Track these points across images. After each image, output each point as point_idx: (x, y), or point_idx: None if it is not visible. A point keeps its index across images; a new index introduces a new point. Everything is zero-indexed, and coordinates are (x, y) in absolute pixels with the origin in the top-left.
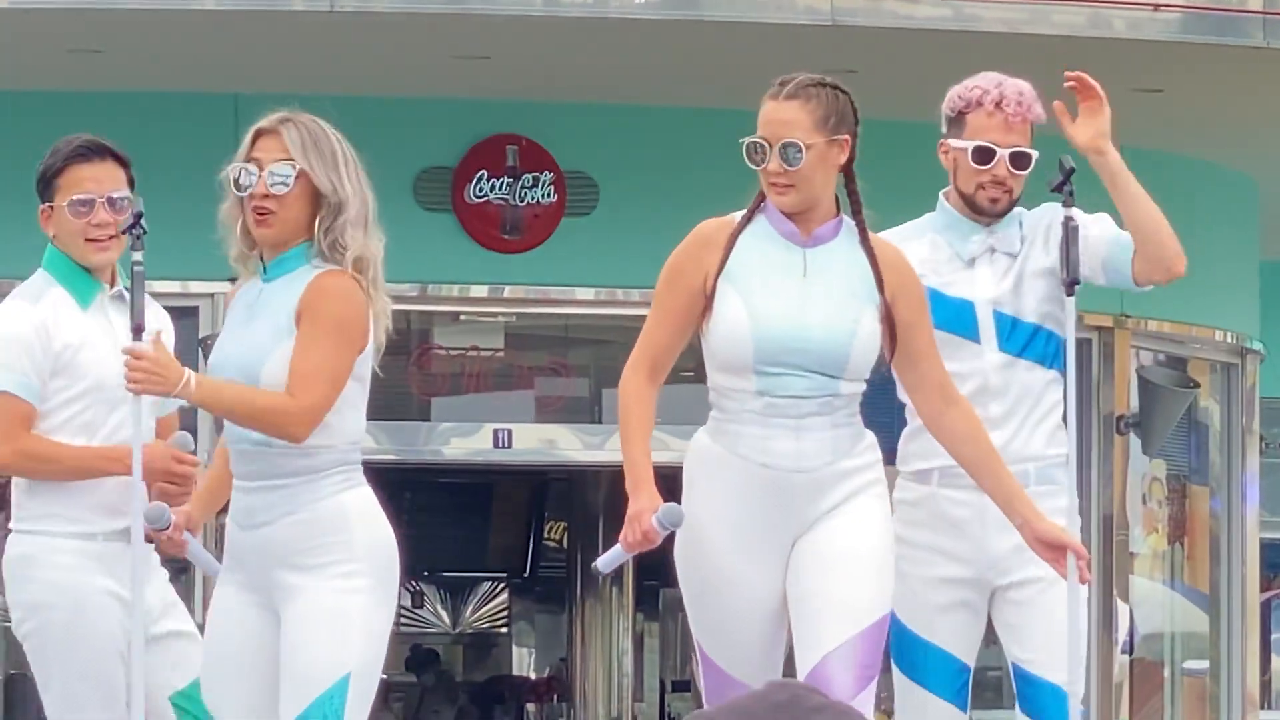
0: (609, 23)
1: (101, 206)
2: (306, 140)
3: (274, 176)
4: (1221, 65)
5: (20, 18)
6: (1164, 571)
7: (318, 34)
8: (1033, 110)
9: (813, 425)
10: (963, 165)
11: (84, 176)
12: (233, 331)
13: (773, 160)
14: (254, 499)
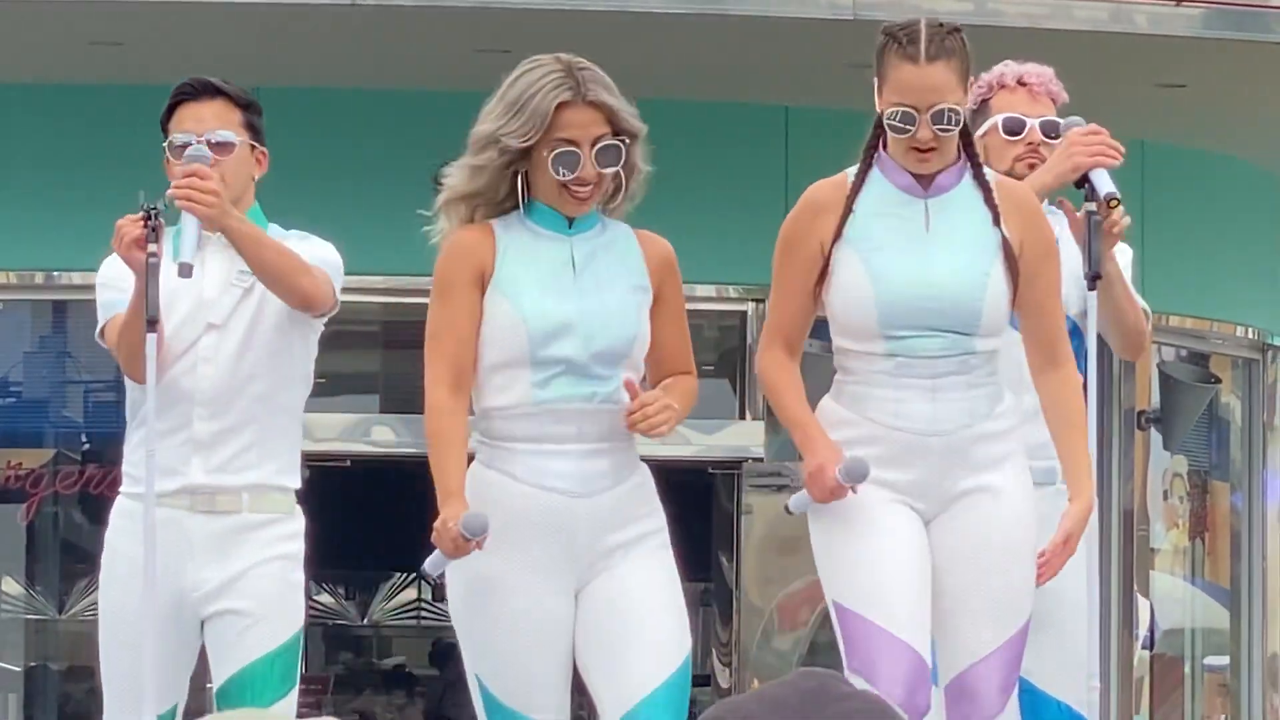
0: (631, 17)
1: (201, 145)
2: (626, 105)
3: (607, 152)
4: (1244, 61)
5: (42, 10)
6: (1185, 567)
7: (339, 27)
8: (1054, 85)
9: (948, 385)
10: (994, 144)
11: (185, 116)
12: (560, 284)
13: (923, 129)
14: (592, 463)
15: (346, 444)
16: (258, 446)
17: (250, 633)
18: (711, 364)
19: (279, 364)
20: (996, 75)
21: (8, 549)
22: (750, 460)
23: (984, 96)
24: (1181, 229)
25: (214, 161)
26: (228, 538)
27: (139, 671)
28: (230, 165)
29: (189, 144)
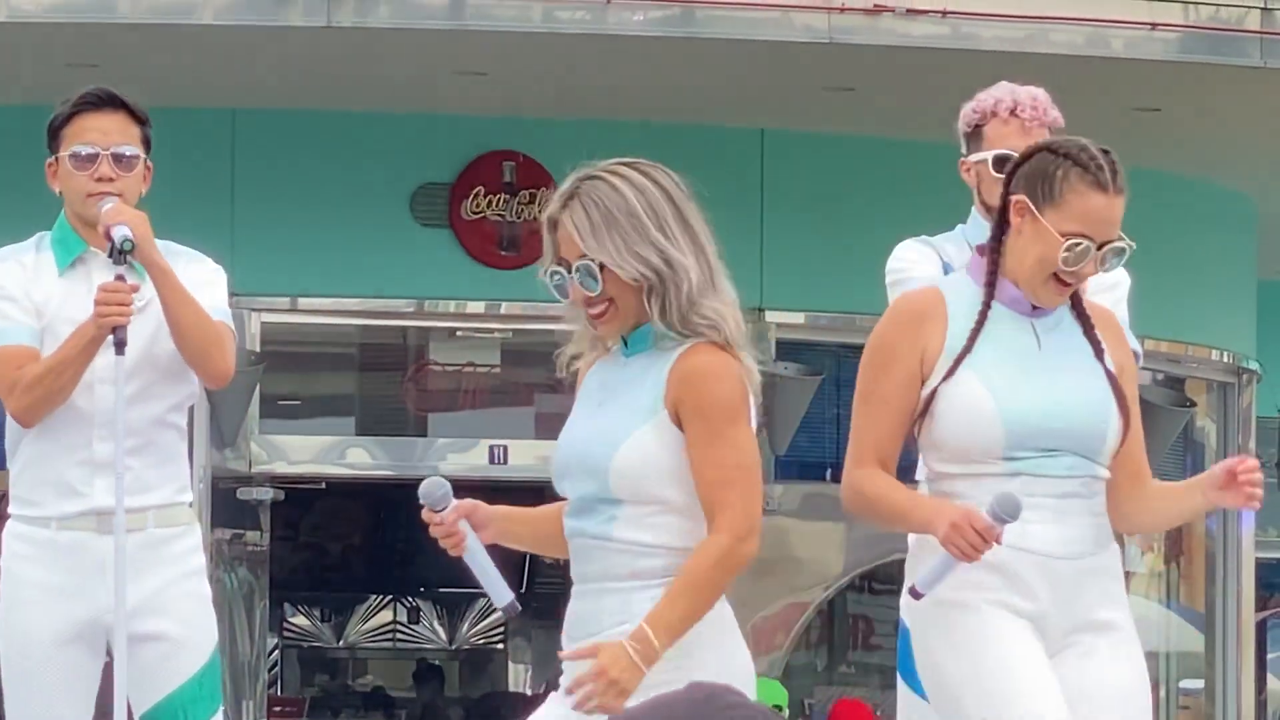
0: (607, 40)
1: (105, 160)
2: (596, 220)
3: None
4: (1219, 85)
5: (19, 31)
6: (1160, 591)
7: (315, 49)
8: (1049, 114)
9: (1073, 509)
10: (985, 177)
11: (89, 127)
12: (582, 413)
13: (1091, 264)
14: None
15: (322, 466)
16: (157, 466)
17: (176, 655)
18: None
19: (175, 385)
20: (991, 102)
21: None
22: None
23: (977, 123)
24: (1157, 252)
25: (115, 176)
26: (137, 556)
27: (50, 698)
28: (130, 181)
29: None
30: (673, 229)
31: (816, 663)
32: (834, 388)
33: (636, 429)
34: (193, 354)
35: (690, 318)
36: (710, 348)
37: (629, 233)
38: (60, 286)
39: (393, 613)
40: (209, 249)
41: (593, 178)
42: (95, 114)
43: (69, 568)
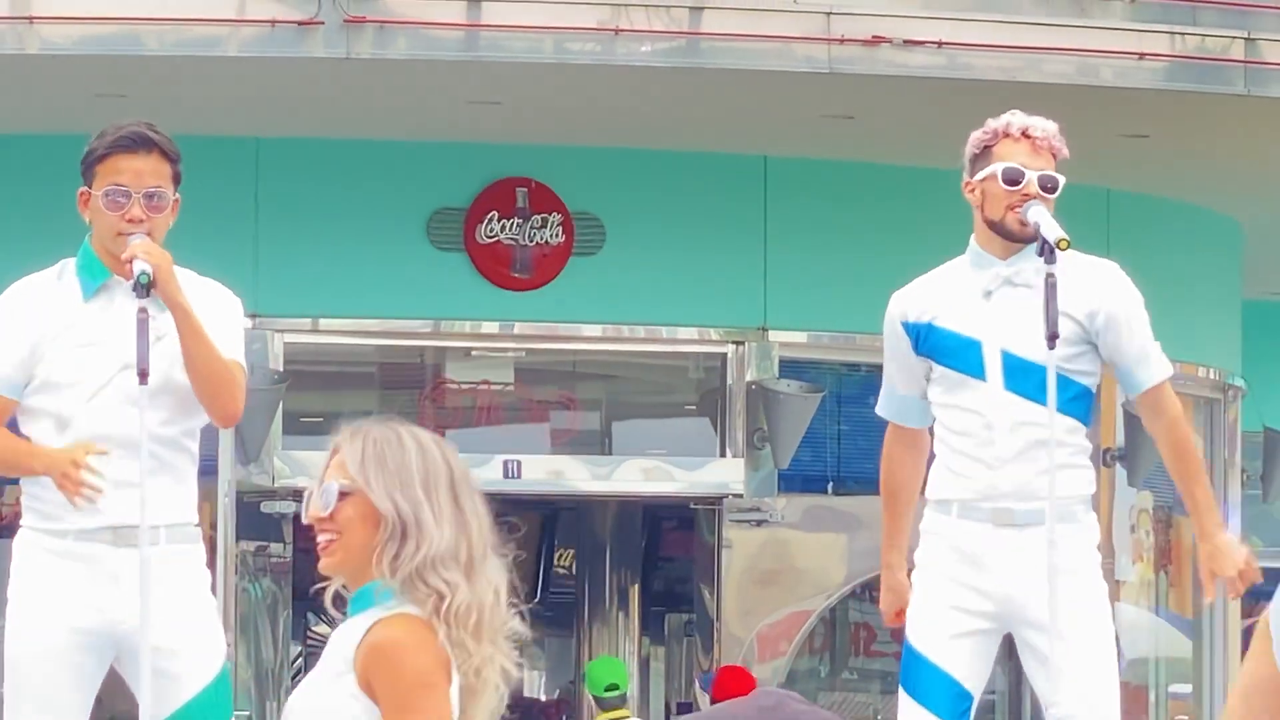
0: (615, 70)
1: (137, 202)
2: (368, 454)
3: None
4: (1205, 112)
5: (50, 63)
6: (1150, 598)
7: (335, 80)
8: (1056, 140)
9: None
10: (991, 192)
11: (123, 167)
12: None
13: None
14: None
15: None
16: (171, 487)
17: (189, 668)
18: (694, 404)
19: (189, 411)
20: (1003, 124)
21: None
22: (730, 496)
23: (987, 143)
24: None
25: (145, 217)
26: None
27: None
28: (161, 221)
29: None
30: (439, 496)
31: (820, 669)
32: (835, 404)
33: (321, 693)
34: (203, 395)
35: (415, 582)
36: (408, 620)
37: (393, 475)
38: (83, 313)
39: None
40: (233, 272)
41: (384, 425)
42: (129, 155)
43: (84, 578)
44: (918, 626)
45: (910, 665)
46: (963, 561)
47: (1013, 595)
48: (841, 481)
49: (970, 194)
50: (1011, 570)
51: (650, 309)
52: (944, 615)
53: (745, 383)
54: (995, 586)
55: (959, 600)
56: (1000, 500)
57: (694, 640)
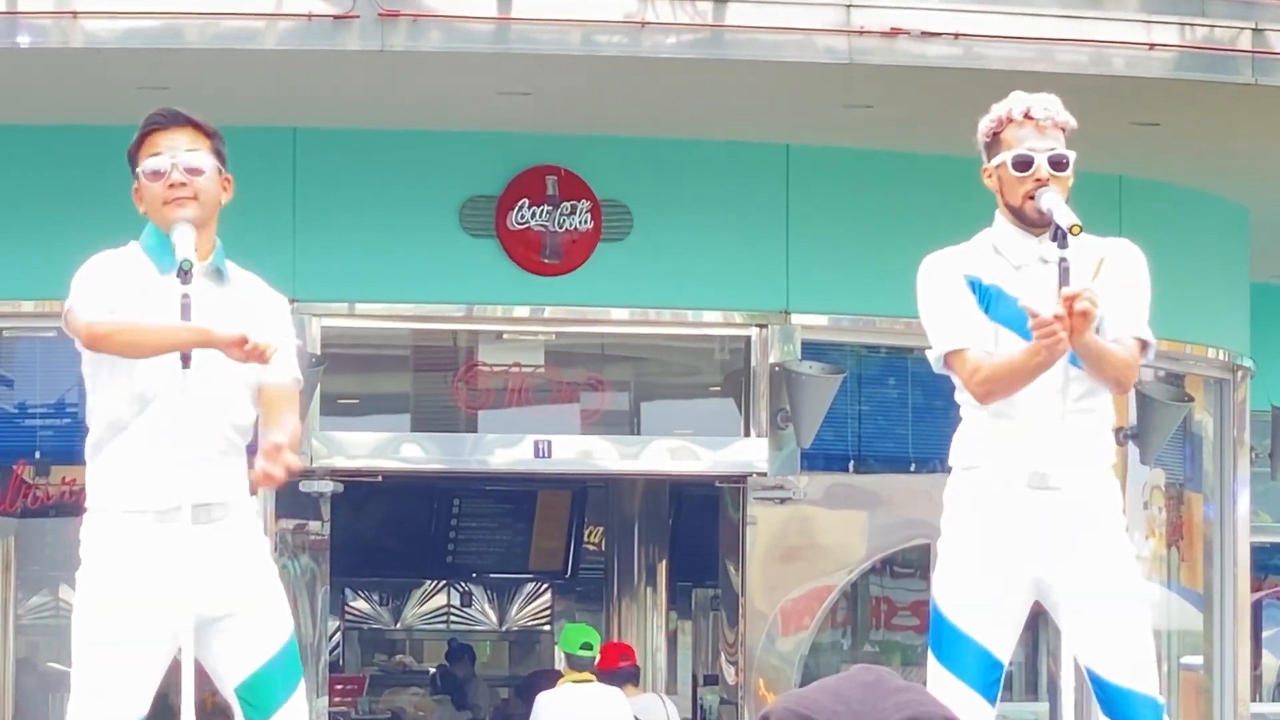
0: (642, 61)
1: (175, 168)
2: None
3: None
4: (1214, 101)
5: (93, 57)
6: (1162, 573)
7: (371, 71)
8: (1061, 115)
9: None
10: (1006, 179)
11: (158, 141)
12: None
13: None
14: None
15: (379, 460)
16: (238, 466)
17: (266, 630)
18: (719, 385)
19: (248, 393)
20: (1005, 109)
21: (64, 559)
22: (754, 475)
23: (994, 130)
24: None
25: (187, 181)
26: (221, 542)
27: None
28: (204, 183)
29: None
30: None
31: (842, 642)
32: (856, 384)
33: None
34: None
35: None
36: None
37: None
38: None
39: (446, 596)
40: (272, 259)
41: None
42: (162, 131)
43: (163, 556)
44: (948, 594)
45: (940, 633)
46: (995, 528)
47: (1048, 561)
48: (862, 460)
49: (989, 180)
50: (1047, 535)
51: (676, 293)
52: (975, 583)
53: (769, 364)
54: (1029, 552)
55: (991, 567)
56: (1037, 465)
57: (719, 614)
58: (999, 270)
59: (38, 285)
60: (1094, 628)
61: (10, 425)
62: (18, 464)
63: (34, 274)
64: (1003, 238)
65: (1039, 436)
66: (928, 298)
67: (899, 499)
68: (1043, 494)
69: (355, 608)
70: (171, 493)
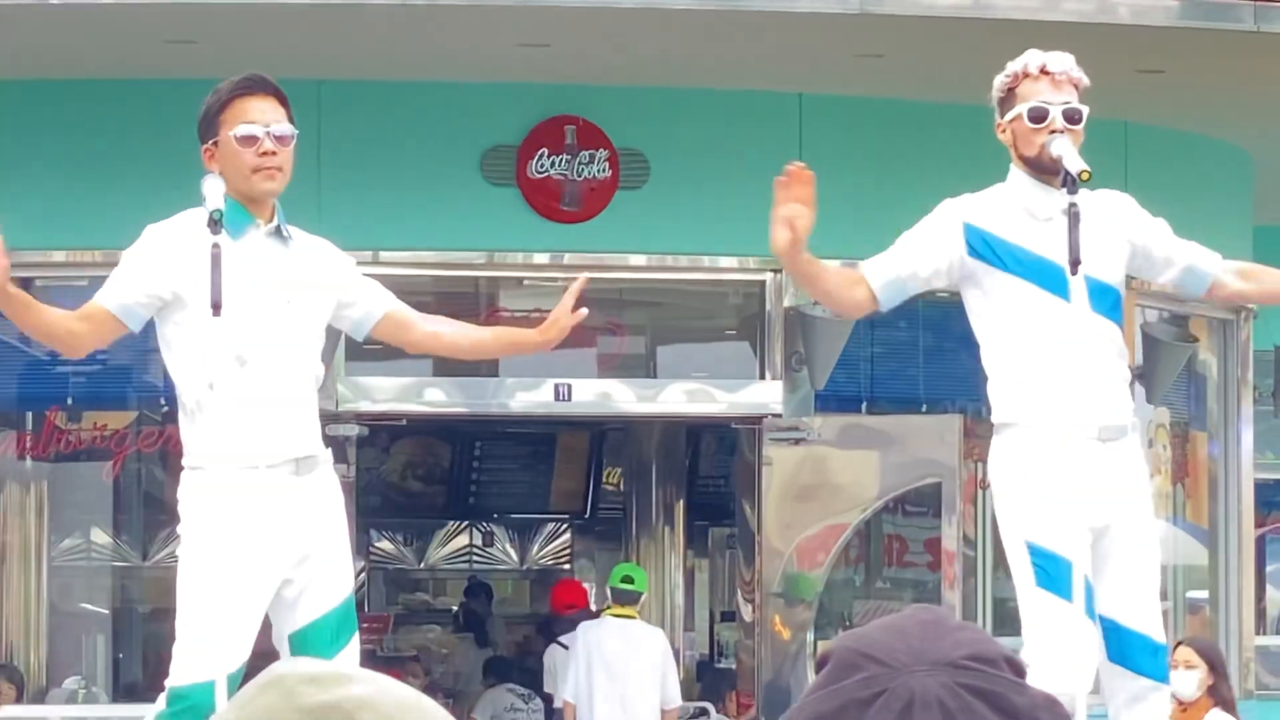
0: (658, 13)
1: (267, 138)
2: None
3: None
4: (1217, 48)
5: (122, 11)
6: (1168, 510)
7: (393, 25)
8: (1076, 71)
9: None
10: (1021, 131)
11: (249, 108)
12: None
13: None
14: None
15: (402, 404)
16: (316, 418)
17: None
18: (734, 329)
19: (321, 348)
20: (1021, 65)
21: (96, 502)
22: (769, 416)
23: (1010, 86)
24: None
25: (277, 150)
26: (321, 498)
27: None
28: (288, 156)
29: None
30: None
31: (855, 579)
32: (868, 328)
33: None
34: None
35: None
36: None
37: None
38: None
39: (468, 537)
40: (298, 209)
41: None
42: (252, 97)
43: (269, 506)
44: (1042, 529)
45: (1046, 566)
46: (1060, 473)
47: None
48: (875, 401)
49: (1002, 135)
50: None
51: (692, 239)
52: (1063, 519)
53: (783, 308)
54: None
55: (1068, 506)
56: (1089, 415)
57: (736, 553)
58: (1017, 221)
59: (68, 235)
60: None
61: (42, 372)
62: (50, 410)
63: (64, 224)
64: (1023, 191)
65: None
66: (916, 226)
67: (911, 439)
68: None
69: (380, 548)
70: (274, 447)
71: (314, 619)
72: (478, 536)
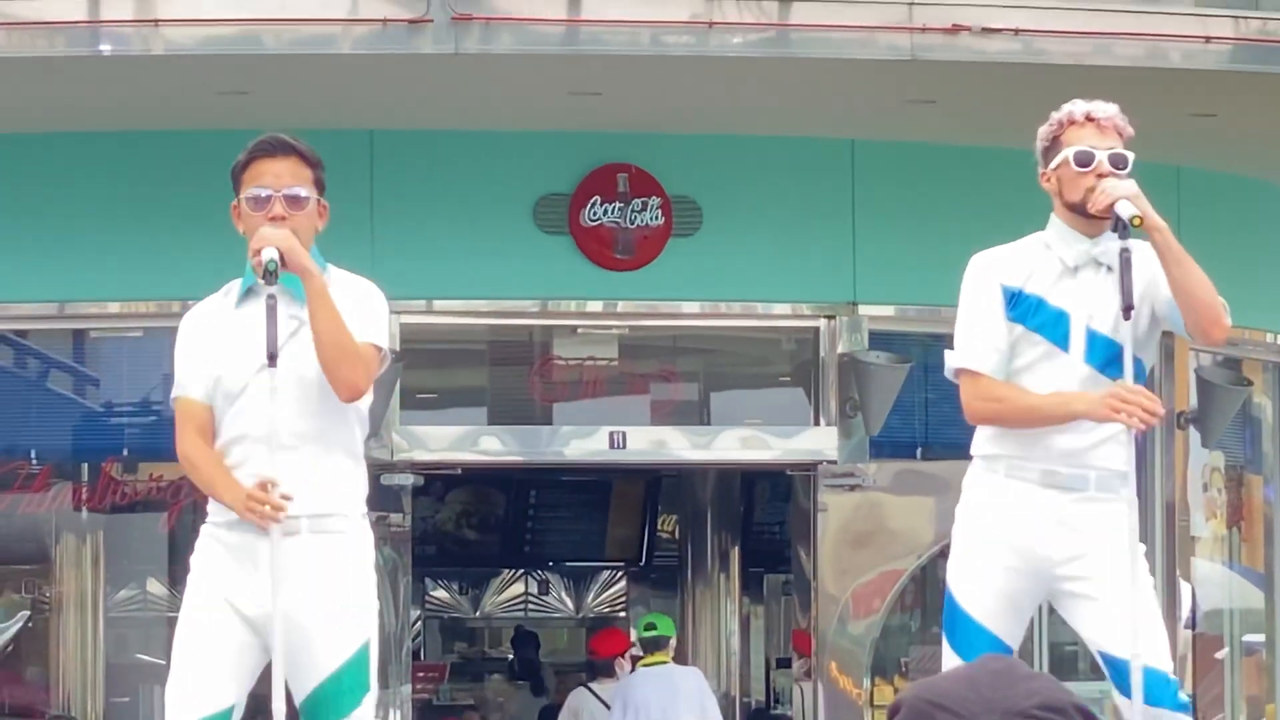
0: (710, 60)
1: (278, 201)
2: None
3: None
4: (1269, 91)
5: (174, 63)
6: (1223, 553)
7: (445, 74)
8: (1120, 119)
9: None
10: (1066, 176)
11: (264, 171)
12: None
13: None
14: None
15: (457, 453)
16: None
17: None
18: (788, 375)
19: (333, 404)
20: (1066, 113)
21: (152, 553)
22: (824, 463)
23: (1055, 134)
24: (1214, 245)
25: (287, 215)
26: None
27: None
28: (301, 220)
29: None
30: None
31: (911, 624)
32: (922, 373)
33: None
34: (325, 362)
35: None
36: None
37: None
38: (234, 319)
39: (524, 585)
40: (351, 259)
41: None
42: (269, 160)
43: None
44: (961, 581)
45: (952, 618)
46: (1006, 519)
47: (1054, 555)
48: (929, 447)
49: (1047, 184)
50: (1055, 530)
51: (746, 286)
52: (987, 572)
53: (837, 355)
54: (1037, 545)
55: (1001, 558)
56: (1051, 463)
57: (791, 599)
58: (1048, 272)
59: (123, 287)
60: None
61: (98, 424)
62: (106, 461)
63: (119, 276)
64: (1058, 239)
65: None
66: (963, 302)
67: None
68: (1053, 492)
69: (436, 597)
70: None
71: (316, 685)
72: (533, 585)
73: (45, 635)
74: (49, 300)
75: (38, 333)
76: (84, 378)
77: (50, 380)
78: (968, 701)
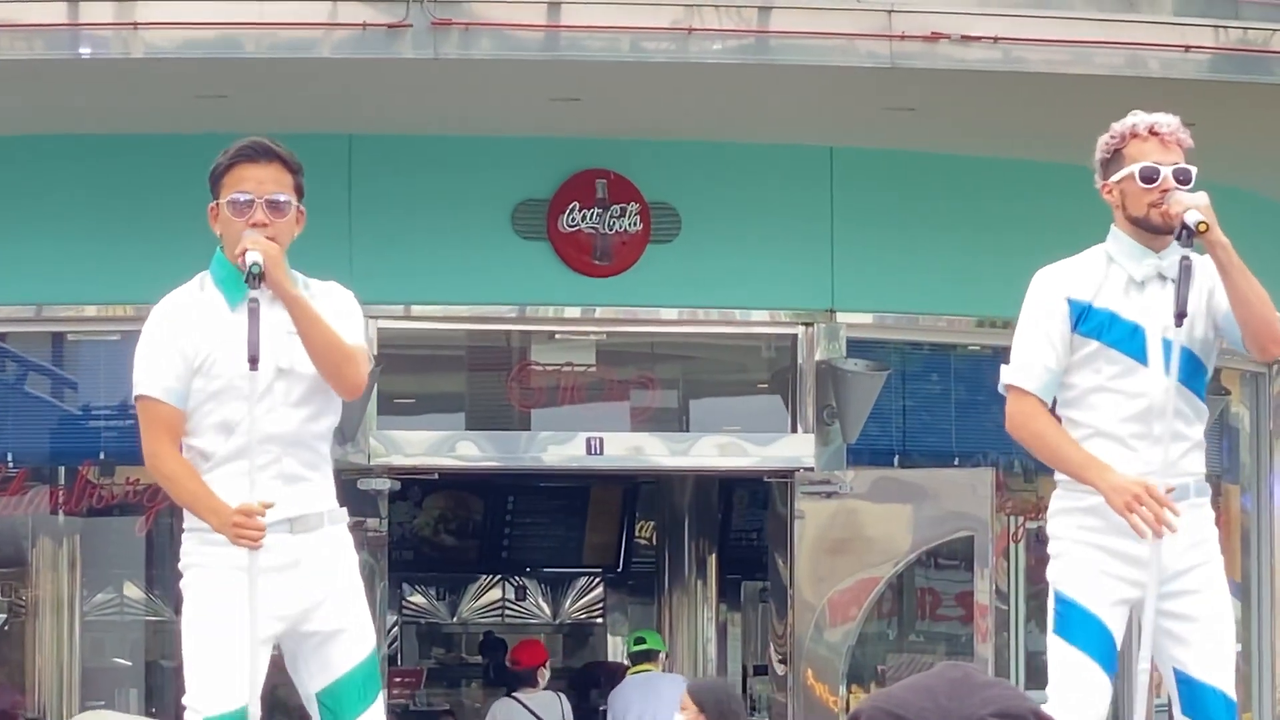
0: (689, 67)
1: (260, 207)
2: None
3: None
4: (1248, 100)
5: (154, 67)
6: None
7: (424, 79)
8: (1182, 132)
9: None
10: (1130, 191)
11: (246, 176)
12: None
13: None
14: None
15: (435, 458)
16: (327, 476)
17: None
18: (766, 382)
19: (330, 403)
20: (1129, 125)
21: (129, 557)
22: (802, 470)
23: (1117, 146)
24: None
25: (269, 221)
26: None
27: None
28: (282, 226)
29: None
30: None
31: (888, 632)
32: (900, 381)
33: None
34: (327, 371)
35: None
36: None
37: None
38: (232, 323)
39: (501, 591)
40: (329, 263)
41: None
42: (251, 165)
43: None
44: (1073, 582)
45: (1066, 615)
46: (1113, 533)
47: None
48: (907, 454)
49: (1108, 195)
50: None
51: (724, 293)
52: (1098, 579)
53: (815, 362)
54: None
55: (1111, 568)
56: (1152, 477)
57: (768, 606)
58: (1116, 285)
59: (100, 290)
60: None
61: (75, 427)
62: (83, 465)
63: (96, 279)
64: (1121, 252)
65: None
66: (1023, 316)
67: (943, 492)
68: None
69: (413, 602)
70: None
71: (339, 676)
72: (510, 590)
73: (21, 639)
74: (26, 303)
75: (15, 335)
76: (61, 381)
77: (27, 383)
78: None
